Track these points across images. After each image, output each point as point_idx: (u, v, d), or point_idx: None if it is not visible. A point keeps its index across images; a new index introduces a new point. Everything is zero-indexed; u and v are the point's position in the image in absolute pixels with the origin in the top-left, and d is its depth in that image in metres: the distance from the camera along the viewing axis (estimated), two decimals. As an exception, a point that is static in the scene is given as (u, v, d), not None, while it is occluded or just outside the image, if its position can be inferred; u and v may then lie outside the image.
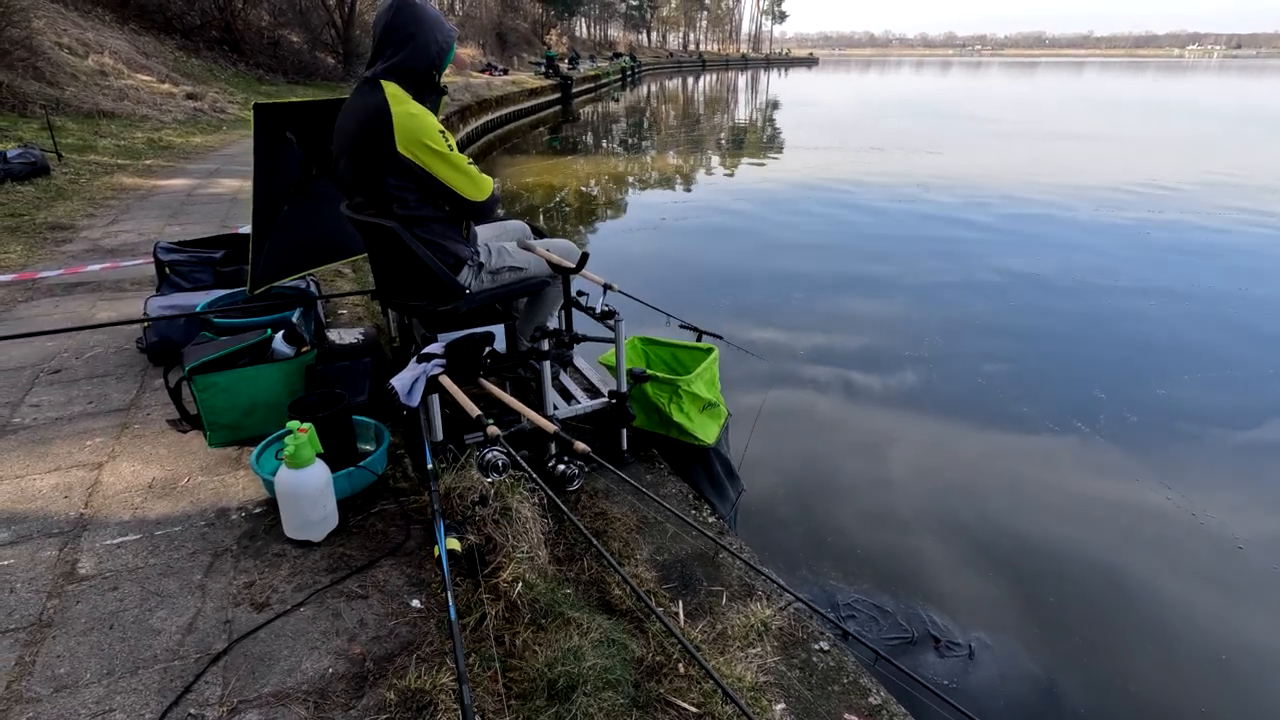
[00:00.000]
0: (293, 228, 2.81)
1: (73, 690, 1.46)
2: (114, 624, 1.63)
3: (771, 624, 1.92)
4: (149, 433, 2.45)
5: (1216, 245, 7.62)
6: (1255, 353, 4.90)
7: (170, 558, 1.85)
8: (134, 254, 4.47)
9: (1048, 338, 5.18)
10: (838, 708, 1.70)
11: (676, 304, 3.36)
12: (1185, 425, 3.95)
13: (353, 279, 4.29)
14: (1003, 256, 7.16)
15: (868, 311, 5.74)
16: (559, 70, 29.21)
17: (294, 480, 1.83)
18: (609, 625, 1.73)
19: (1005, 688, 2.36)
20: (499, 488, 1.97)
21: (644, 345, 3.20)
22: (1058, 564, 2.92)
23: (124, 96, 10.43)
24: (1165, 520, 3.17)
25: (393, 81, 2.04)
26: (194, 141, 9.33)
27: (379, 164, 2.02)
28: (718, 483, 2.92)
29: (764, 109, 28.60)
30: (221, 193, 6.48)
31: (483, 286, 2.33)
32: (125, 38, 13.15)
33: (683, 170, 13.22)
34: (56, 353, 3.07)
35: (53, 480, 2.17)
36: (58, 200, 5.83)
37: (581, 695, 1.46)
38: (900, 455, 3.72)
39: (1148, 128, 20.75)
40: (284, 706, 1.44)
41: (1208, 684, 2.39)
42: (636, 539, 2.25)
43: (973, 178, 11.57)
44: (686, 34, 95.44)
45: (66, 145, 7.53)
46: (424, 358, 2.09)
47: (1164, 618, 2.66)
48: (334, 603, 1.72)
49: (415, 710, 1.43)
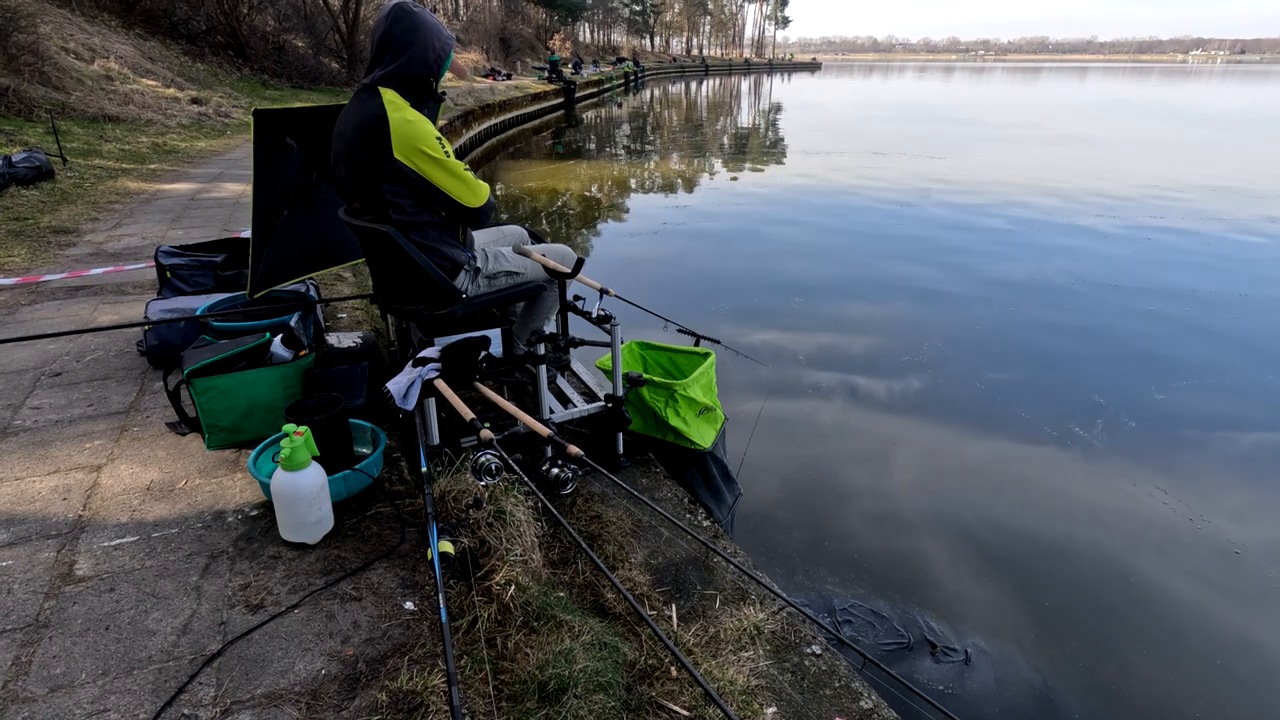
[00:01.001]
0: (292, 232, 2.83)
1: (68, 690, 1.48)
2: (110, 625, 1.65)
3: (764, 628, 1.93)
4: (148, 435, 2.46)
5: (1218, 251, 7.61)
6: (1253, 358, 4.90)
7: (167, 559, 1.86)
8: (136, 258, 4.50)
9: (1046, 343, 5.18)
10: (829, 711, 1.71)
11: (675, 309, 3.38)
12: (1183, 430, 3.94)
13: (353, 283, 4.31)
14: (1003, 261, 7.17)
15: (866, 316, 5.74)
16: (562, 75, 29.31)
17: (290, 482, 1.84)
18: (601, 628, 1.74)
19: (1001, 694, 2.36)
20: (493, 491, 1.98)
21: (641, 350, 3.21)
22: (1055, 570, 2.92)
23: (129, 101, 10.50)
24: (1162, 525, 3.17)
25: (390, 88, 2.06)
26: (198, 146, 9.39)
27: (376, 170, 2.04)
28: (714, 487, 2.93)
29: (766, 113, 28.66)
30: (224, 197, 6.52)
31: (479, 291, 2.34)
32: (131, 43, 13.25)
33: (684, 175, 13.25)
34: (58, 356, 3.09)
35: (52, 482, 2.19)
36: (62, 204, 5.87)
37: (572, 697, 1.47)
38: (898, 460, 3.72)
39: (1151, 133, 20.74)
40: (277, 708, 1.45)
41: (1204, 690, 2.39)
42: (631, 543, 2.26)
43: (974, 183, 11.58)
44: (690, 39, 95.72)
45: (71, 149, 7.59)
46: (420, 361, 2.10)
47: (1161, 623, 2.65)
48: (328, 605, 1.73)
49: (406, 711, 1.44)
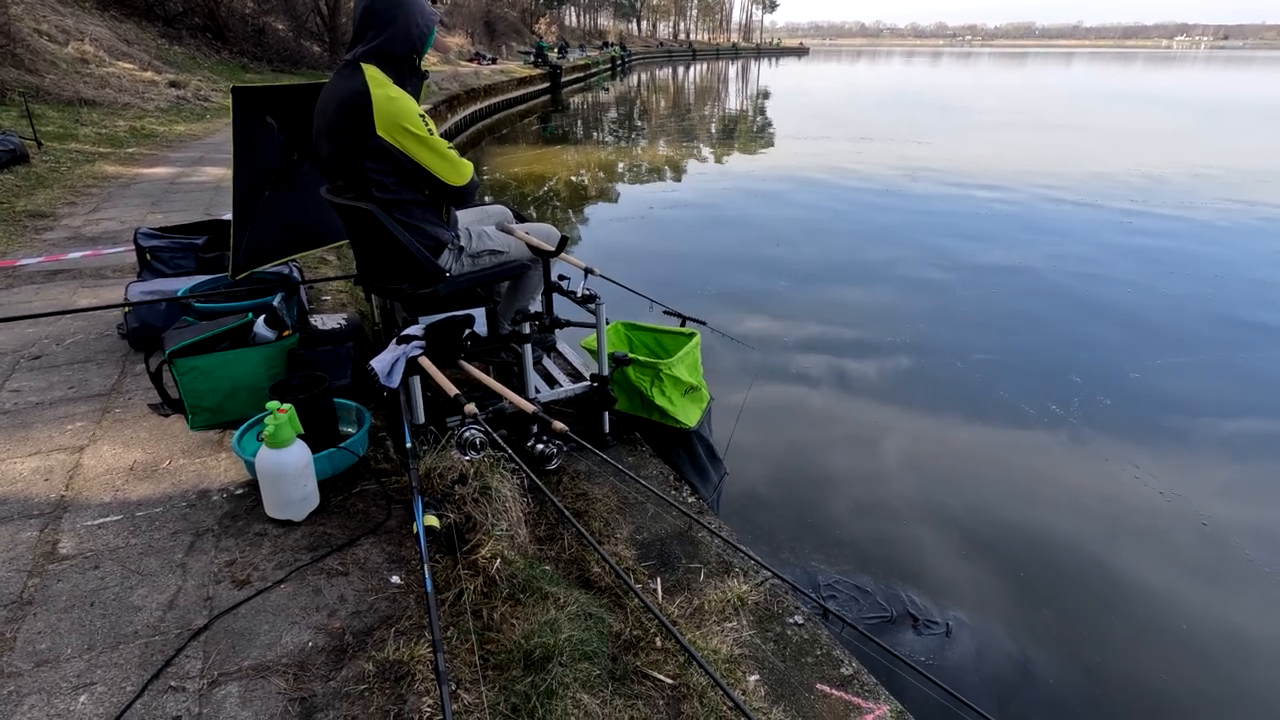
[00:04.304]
0: (274, 213, 2.81)
1: (54, 665, 1.48)
2: (95, 601, 1.65)
3: (748, 599, 1.96)
4: (130, 417, 2.45)
5: (1198, 234, 7.71)
6: (1223, 336, 4.99)
7: (151, 538, 1.86)
8: (115, 242, 4.44)
9: (1028, 325, 5.25)
10: (810, 679, 1.74)
11: (661, 291, 3.38)
12: (1156, 409, 4.03)
13: (337, 265, 4.28)
14: (988, 245, 7.22)
15: (851, 300, 5.78)
16: (548, 59, 29.00)
17: (274, 460, 1.84)
18: (587, 600, 1.76)
19: (981, 664, 2.42)
20: (478, 467, 1.99)
21: (627, 330, 3.22)
22: (1033, 545, 2.98)
23: (105, 84, 10.30)
24: (1135, 500, 3.25)
25: (373, 65, 2.04)
26: (177, 130, 9.23)
27: (358, 147, 2.03)
28: (700, 465, 2.96)
29: (754, 99, 28.56)
30: (205, 181, 6.43)
31: (463, 270, 2.34)
32: (105, 24, 12.96)
33: (671, 160, 13.21)
34: (37, 339, 3.06)
35: (33, 464, 2.17)
36: (38, 188, 5.77)
37: (557, 665, 1.49)
38: (882, 440, 3.77)
39: (1134, 119, 20.89)
40: (264, 679, 1.46)
41: (1176, 658, 2.46)
42: (617, 519, 2.29)
43: (960, 168, 11.63)
44: (677, 23, 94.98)
45: (46, 133, 7.44)
46: (403, 339, 2.11)
47: (1133, 595, 2.72)
48: (314, 579, 1.74)
49: (393, 680, 1.46)
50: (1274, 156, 13.66)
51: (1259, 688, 2.36)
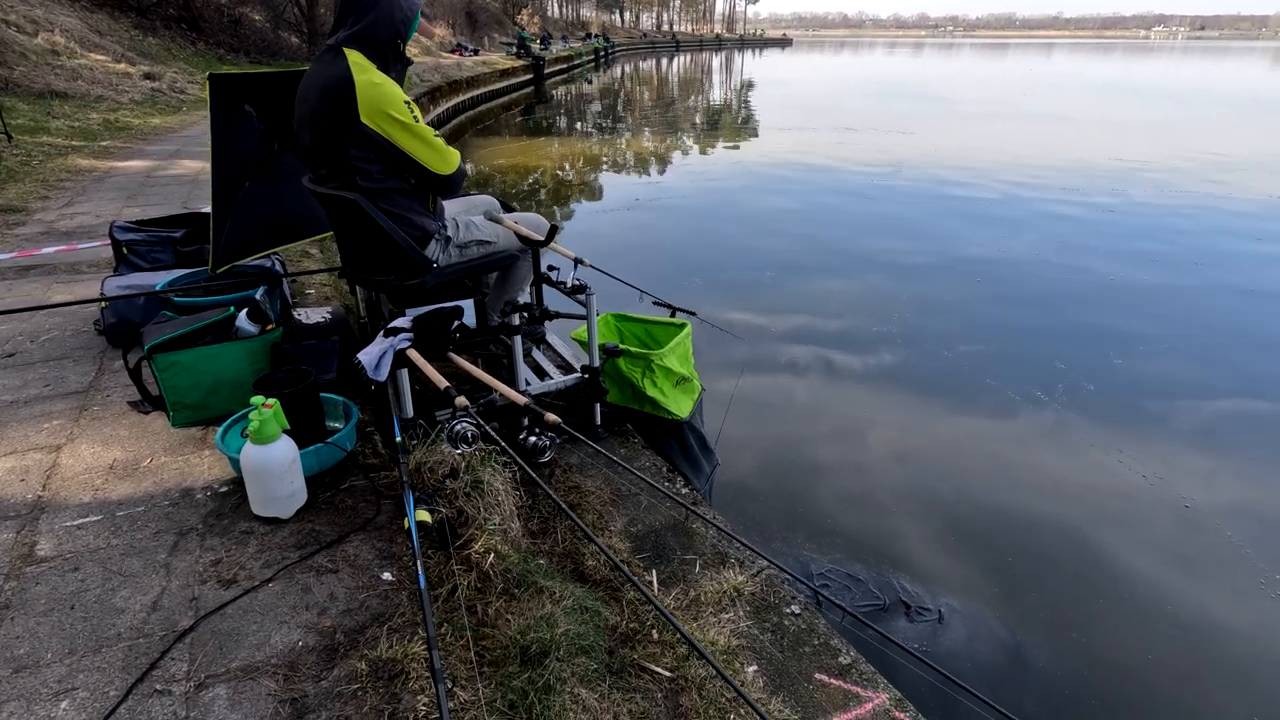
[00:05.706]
0: (255, 205, 2.74)
1: (33, 670, 1.43)
2: (75, 604, 1.60)
3: (744, 590, 1.95)
4: (109, 415, 2.39)
5: (1178, 223, 7.80)
6: (1204, 321, 5.05)
7: (133, 538, 1.81)
8: (91, 236, 4.33)
9: (1014, 313, 5.28)
10: (809, 668, 1.74)
11: (650, 282, 3.35)
12: (1139, 394, 4.07)
13: (320, 259, 4.21)
14: (972, 234, 7.26)
15: (838, 289, 5.79)
16: (531, 51, 28.75)
17: (260, 456, 1.80)
18: (582, 594, 1.74)
19: (973, 649, 2.43)
20: (470, 461, 1.96)
21: (617, 321, 3.19)
22: (1021, 530, 3.00)
23: (77, 76, 10.05)
24: (1119, 485, 3.28)
25: (356, 50, 1.99)
26: (152, 123, 9.04)
27: (342, 135, 1.98)
28: (692, 456, 2.94)
29: (738, 90, 28.51)
30: (182, 174, 6.29)
31: (450, 261, 2.30)
32: (77, 15, 12.65)
33: (657, 151, 13.15)
34: (10, 336, 2.97)
35: (8, 464, 2.11)
36: (9, 182, 5.62)
37: (554, 660, 1.47)
38: (871, 429, 3.77)
39: (1114, 109, 21.10)
40: (253, 680, 1.43)
41: (1160, 637, 2.49)
42: (610, 511, 2.26)
43: (944, 158, 11.68)
44: (660, 14, 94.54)
45: (16, 126, 7.24)
46: (391, 332, 2.06)
47: (1119, 577, 2.75)
48: (303, 577, 1.70)
49: (387, 679, 1.43)
50: (1252, 145, 13.85)
51: (1240, 665, 2.40)
